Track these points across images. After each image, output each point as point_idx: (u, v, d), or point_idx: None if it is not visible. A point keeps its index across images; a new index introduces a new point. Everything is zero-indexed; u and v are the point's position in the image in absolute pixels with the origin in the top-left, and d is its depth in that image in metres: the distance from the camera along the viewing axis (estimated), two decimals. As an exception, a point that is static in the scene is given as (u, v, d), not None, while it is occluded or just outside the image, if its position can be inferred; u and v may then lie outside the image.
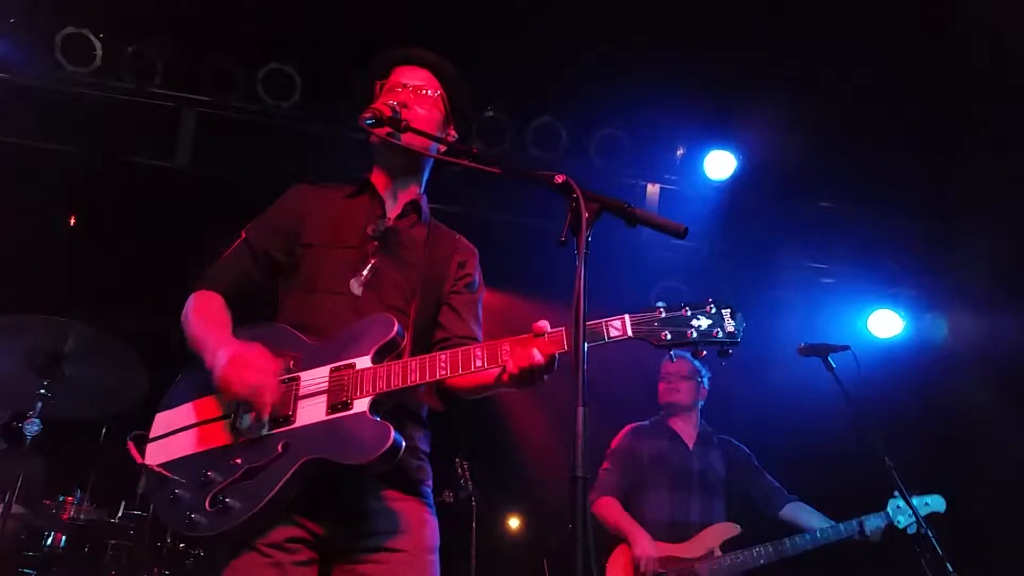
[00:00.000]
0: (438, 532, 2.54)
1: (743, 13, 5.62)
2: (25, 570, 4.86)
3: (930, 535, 3.99)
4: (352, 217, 2.70)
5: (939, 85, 5.85)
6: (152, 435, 2.47)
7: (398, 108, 2.60)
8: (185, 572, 5.33)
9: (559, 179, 2.12)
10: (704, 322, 2.27)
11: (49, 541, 4.96)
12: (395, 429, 2.25)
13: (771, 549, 4.62)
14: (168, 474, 2.35)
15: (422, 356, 2.37)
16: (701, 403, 5.20)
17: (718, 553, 4.67)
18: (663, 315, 2.29)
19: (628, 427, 5.23)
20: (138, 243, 6.57)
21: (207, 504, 2.27)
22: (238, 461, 2.31)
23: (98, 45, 5.78)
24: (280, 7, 5.76)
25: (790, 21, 5.62)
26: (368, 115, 2.56)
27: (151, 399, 4.78)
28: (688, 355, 5.10)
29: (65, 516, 4.79)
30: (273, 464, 2.28)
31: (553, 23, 5.75)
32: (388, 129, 2.57)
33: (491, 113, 6.26)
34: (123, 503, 5.13)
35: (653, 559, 4.62)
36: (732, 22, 5.66)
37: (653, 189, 6.79)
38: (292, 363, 2.42)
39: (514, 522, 9.11)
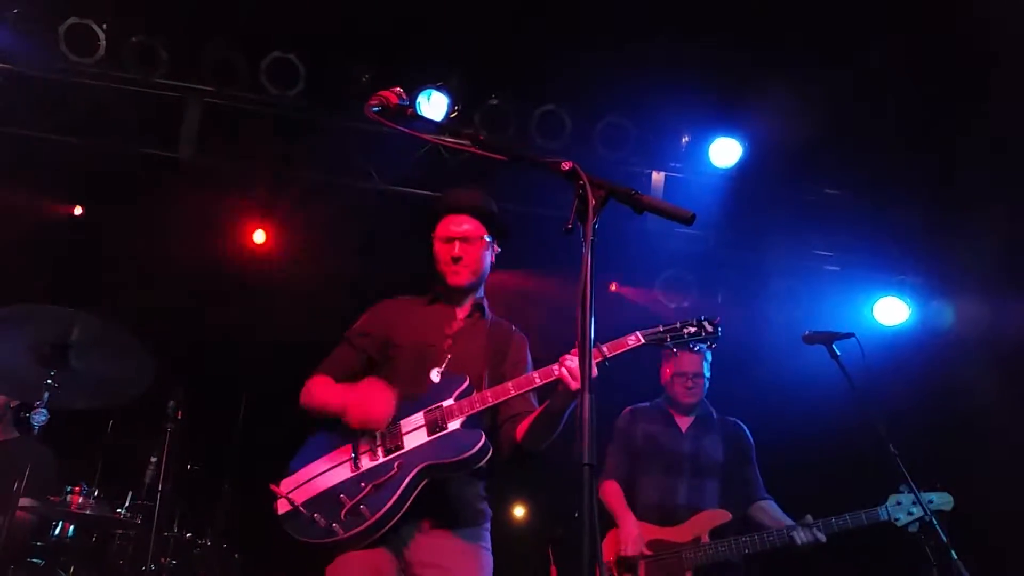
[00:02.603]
0: (491, 566, 3.13)
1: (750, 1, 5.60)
2: (33, 559, 4.89)
3: (935, 523, 3.98)
4: (431, 320, 3.33)
5: (944, 72, 5.82)
6: (286, 491, 3.01)
7: (405, 97, 2.60)
8: (192, 561, 5.36)
9: (566, 166, 2.13)
10: (692, 328, 3.08)
11: (57, 531, 4.98)
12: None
13: (756, 540, 4.58)
14: (305, 511, 2.93)
15: (494, 387, 3.04)
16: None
17: (705, 540, 4.64)
18: (662, 329, 3.08)
19: (627, 408, 5.21)
20: (143, 233, 6.57)
21: (343, 515, 2.88)
22: (364, 484, 2.93)
23: (102, 35, 5.78)
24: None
25: (795, 9, 5.59)
26: (374, 102, 2.56)
27: (156, 390, 4.82)
28: (700, 345, 5.12)
29: (73, 506, 4.81)
30: (393, 478, 2.91)
31: (557, 11, 5.73)
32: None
33: (495, 101, 6.24)
34: (130, 493, 5.14)
35: (634, 540, 4.63)
36: (737, 9, 5.64)
37: (658, 177, 6.77)
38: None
39: (519, 510, 9.14)
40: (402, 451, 2.97)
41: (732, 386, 5.34)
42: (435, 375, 3.16)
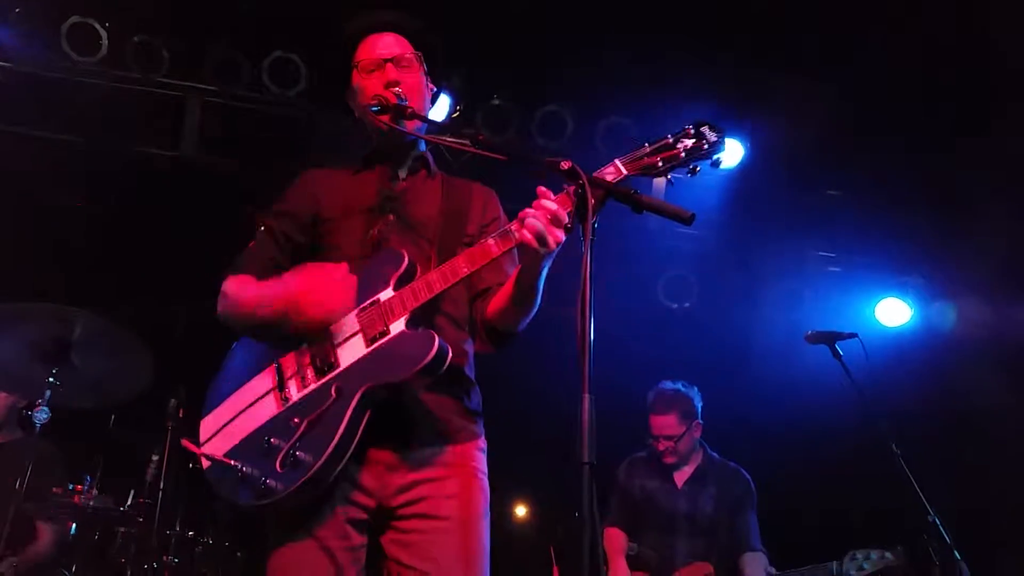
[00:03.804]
0: (488, 497, 2.56)
1: (752, 1, 5.59)
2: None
3: (938, 522, 3.96)
4: (365, 185, 2.69)
5: (948, 73, 5.81)
6: (202, 440, 2.49)
7: (403, 95, 2.59)
8: (194, 559, 5.36)
9: (565, 165, 2.12)
10: (689, 142, 2.32)
11: (59, 529, 4.99)
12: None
13: None
14: (231, 461, 2.35)
15: (441, 266, 2.36)
16: (698, 439, 5.10)
17: None
18: (649, 148, 2.32)
19: (627, 459, 5.22)
20: (144, 232, 6.57)
21: (278, 466, 2.28)
22: (296, 420, 2.32)
23: (104, 35, 5.77)
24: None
25: (799, 10, 5.58)
26: (374, 102, 2.56)
27: (157, 388, 4.83)
28: (678, 388, 5.04)
29: (75, 504, 4.81)
30: (332, 408, 2.29)
31: (559, 11, 5.73)
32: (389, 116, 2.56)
33: (497, 101, 6.23)
34: (132, 491, 5.16)
35: None
36: (740, 10, 5.63)
37: (659, 178, 6.74)
38: None
39: (521, 510, 9.13)
40: (338, 370, 2.35)
41: (734, 386, 5.34)
42: (379, 248, 2.54)
